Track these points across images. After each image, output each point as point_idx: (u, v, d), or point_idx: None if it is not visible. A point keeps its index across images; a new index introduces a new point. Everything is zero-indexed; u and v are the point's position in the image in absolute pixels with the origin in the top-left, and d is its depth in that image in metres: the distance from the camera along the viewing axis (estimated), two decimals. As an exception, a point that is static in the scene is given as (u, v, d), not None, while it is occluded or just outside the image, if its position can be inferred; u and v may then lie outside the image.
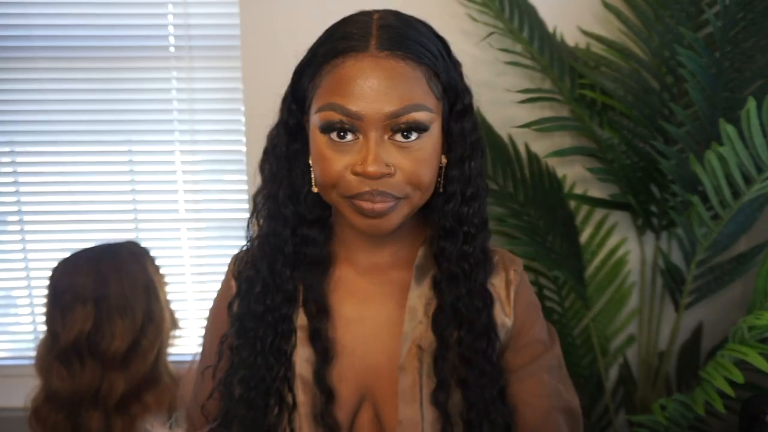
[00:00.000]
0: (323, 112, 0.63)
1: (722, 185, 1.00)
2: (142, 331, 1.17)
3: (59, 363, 1.14)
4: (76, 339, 1.13)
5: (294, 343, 0.73)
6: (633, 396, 1.45)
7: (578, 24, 1.38)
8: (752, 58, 1.14)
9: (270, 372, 0.72)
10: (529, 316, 0.78)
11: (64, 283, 1.16)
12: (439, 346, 0.71)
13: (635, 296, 1.49)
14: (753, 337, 0.96)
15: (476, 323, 0.72)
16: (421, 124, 0.63)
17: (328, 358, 0.72)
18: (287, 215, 0.72)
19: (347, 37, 0.64)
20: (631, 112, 1.25)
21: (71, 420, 1.14)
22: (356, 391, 0.73)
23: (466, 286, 0.72)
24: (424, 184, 0.66)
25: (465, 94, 0.70)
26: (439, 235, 0.72)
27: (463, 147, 0.70)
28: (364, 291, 0.75)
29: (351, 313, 0.74)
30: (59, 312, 1.15)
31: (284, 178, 0.72)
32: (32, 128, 1.59)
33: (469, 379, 0.71)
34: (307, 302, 0.73)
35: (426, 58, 0.65)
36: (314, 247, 0.73)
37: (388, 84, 0.62)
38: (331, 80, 0.64)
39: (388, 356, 0.72)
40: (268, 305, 0.73)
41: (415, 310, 0.73)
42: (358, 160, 0.63)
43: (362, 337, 0.73)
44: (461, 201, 0.71)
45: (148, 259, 1.25)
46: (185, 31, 1.53)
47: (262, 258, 0.73)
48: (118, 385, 1.14)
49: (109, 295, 1.15)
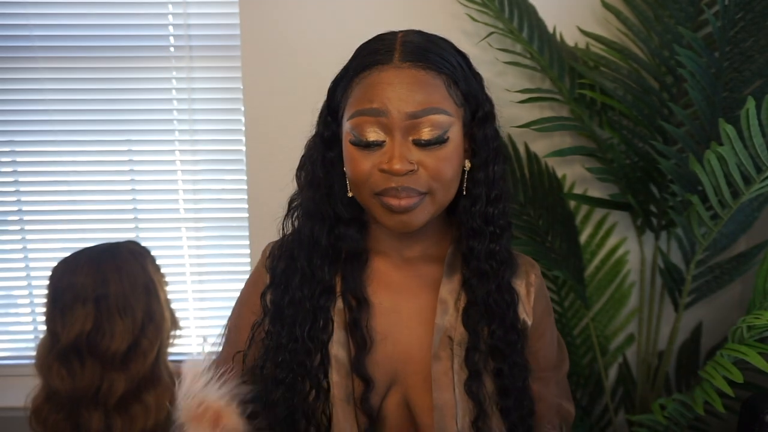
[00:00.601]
0: (354, 118, 0.70)
1: (722, 185, 1.00)
2: (142, 330, 1.17)
3: (59, 363, 1.14)
4: (76, 339, 1.13)
5: (331, 330, 0.77)
6: (632, 395, 1.45)
7: (578, 24, 1.38)
8: (751, 58, 1.14)
9: (309, 357, 0.76)
10: (544, 320, 0.85)
11: (64, 283, 1.16)
12: (471, 339, 0.77)
13: (635, 296, 1.49)
14: (752, 337, 0.96)
15: (506, 317, 0.78)
16: (439, 135, 0.69)
17: (366, 346, 0.76)
18: (325, 215, 0.78)
19: (374, 52, 0.72)
20: (631, 112, 1.25)
21: (71, 420, 1.14)
22: (387, 376, 0.77)
23: (494, 282, 0.77)
24: (447, 180, 0.71)
25: (486, 102, 0.77)
26: (467, 235, 0.78)
27: (487, 151, 0.76)
28: (397, 283, 0.80)
29: (386, 303, 0.79)
30: (59, 312, 1.15)
31: (322, 183, 0.78)
32: (32, 128, 1.59)
33: (504, 369, 0.77)
34: (346, 293, 0.78)
35: (445, 68, 0.71)
36: (352, 242, 0.79)
37: (409, 89, 0.69)
38: (360, 90, 0.71)
39: (419, 344, 0.78)
40: (306, 294, 0.78)
41: (446, 302, 0.78)
42: (384, 159, 0.69)
43: (396, 325, 0.78)
44: (486, 202, 0.76)
45: (148, 258, 1.25)
46: (185, 31, 1.53)
47: (299, 252, 0.79)
48: (118, 385, 1.14)
49: (109, 294, 1.15)
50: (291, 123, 1.42)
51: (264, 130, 1.44)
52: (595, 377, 1.46)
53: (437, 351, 0.76)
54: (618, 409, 1.48)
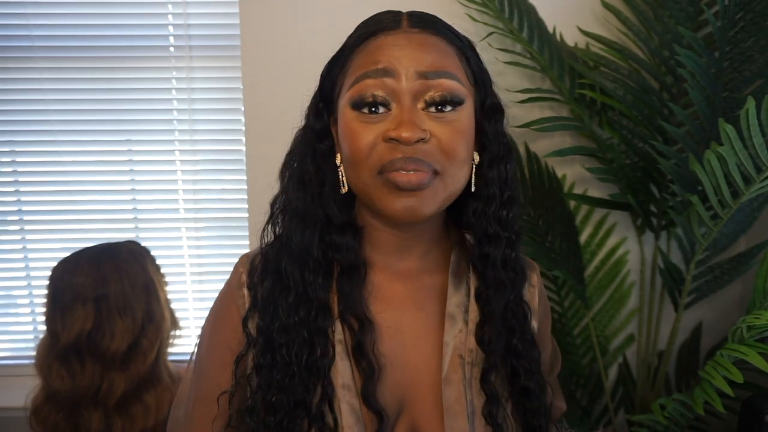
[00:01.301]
0: (357, 84, 0.61)
1: (721, 185, 1.00)
2: (142, 330, 1.17)
3: (59, 363, 1.14)
4: (76, 339, 1.13)
5: (332, 357, 0.66)
6: (632, 395, 1.45)
7: (578, 24, 1.38)
8: (751, 58, 1.14)
9: (308, 393, 0.65)
10: (545, 323, 0.80)
11: (64, 283, 1.16)
12: (488, 359, 0.68)
13: (635, 296, 1.49)
14: (752, 337, 0.96)
15: (526, 332, 0.71)
16: (455, 95, 0.61)
17: (375, 374, 0.65)
18: (316, 218, 0.67)
19: (378, 21, 0.65)
20: (631, 112, 1.25)
21: (71, 420, 1.14)
22: (395, 405, 0.67)
23: (512, 293, 0.70)
24: (459, 158, 0.62)
25: (494, 96, 0.70)
26: (482, 241, 0.69)
27: (498, 147, 0.68)
28: (399, 298, 0.70)
29: (388, 322, 0.68)
30: (59, 312, 1.15)
31: (312, 179, 0.68)
32: (32, 128, 1.59)
33: (531, 388, 0.69)
34: (345, 314, 0.66)
35: (456, 40, 0.65)
36: (348, 252, 0.67)
37: (420, 50, 0.61)
38: (363, 56, 0.63)
39: (427, 366, 0.68)
40: (302, 317, 0.66)
41: (455, 317, 0.69)
42: (391, 127, 0.60)
43: (401, 347, 0.68)
44: (501, 204, 0.69)
45: (148, 258, 1.25)
46: (185, 31, 1.53)
47: (290, 264, 0.67)
48: (118, 385, 1.14)
49: (109, 294, 1.15)
50: (291, 123, 1.41)
51: (264, 130, 1.44)
52: (595, 377, 1.46)
53: (448, 374, 0.67)
54: (618, 409, 1.48)
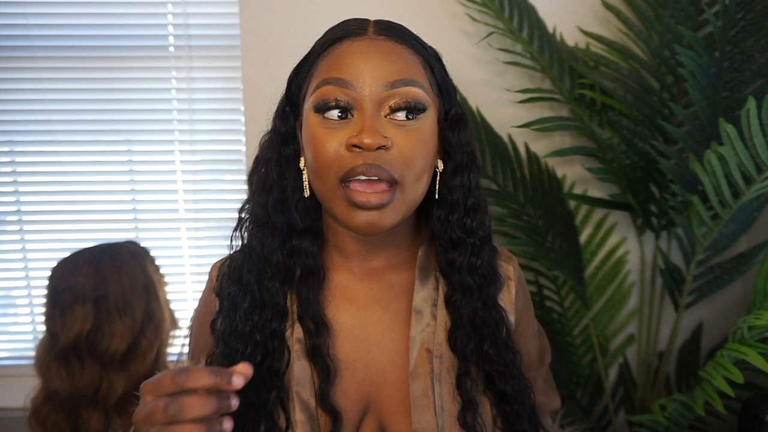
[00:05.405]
0: (319, 89, 0.62)
1: (722, 185, 1.00)
2: (141, 331, 1.17)
3: (59, 363, 1.14)
4: (76, 339, 1.13)
5: (288, 360, 0.68)
6: (633, 396, 1.45)
7: (578, 24, 1.38)
8: (752, 57, 1.14)
9: (259, 396, 0.66)
10: (525, 314, 0.79)
11: (63, 283, 1.16)
12: (462, 365, 0.68)
13: (635, 296, 1.49)
14: (753, 337, 0.96)
15: (498, 337, 0.71)
16: (418, 102, 0.63)
17: (331, 375, 0.67)
18: (277, 224, 0.69)
19: (344, 27, 0.66)
20: (631, 112, 1.25)
21: (71, 420, 1.14)
22: (359, 404, 0.68)
23: (480, 299, 0.70)
24: (418, 168, 0.63)
25: (458, 106, 0.71)
26: (447, 248, 0.70)
27: (461, 156, 0.70)
28: (363, 297, 0.71)
29: (350, 322, 0.70)
30: (59, 312, 1.15)
31: (275, 184, 0.69)
32: (32, 128, 1.59)
33: (507, 391, 0.70)
34: (303, 317, 0.68)
35: (422, 49, 0.67)
36: (307, 258, 0.69)
37: (384, 59, 0.62)
38: (328, 61, 0.64)
39: (393, 363, 0.69)
40: (256, 322, 0.68)
41: (421, 312, 0.70)
42: (353, 133, 0.61)
43: (364, 346, 0.69)
44: (464, 211, 0.70)
45: (148, 258, 1.25)
46: (185, 31, 1.53)
47: (250, 271, 0.69)
48: (118, 385, 1.14)
49: (109, 295, 1.15)
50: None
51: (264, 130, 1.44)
52: (595, 377, 1.46)
53: (414, 368, 0.67)
54: (618, 410, 1.48)
